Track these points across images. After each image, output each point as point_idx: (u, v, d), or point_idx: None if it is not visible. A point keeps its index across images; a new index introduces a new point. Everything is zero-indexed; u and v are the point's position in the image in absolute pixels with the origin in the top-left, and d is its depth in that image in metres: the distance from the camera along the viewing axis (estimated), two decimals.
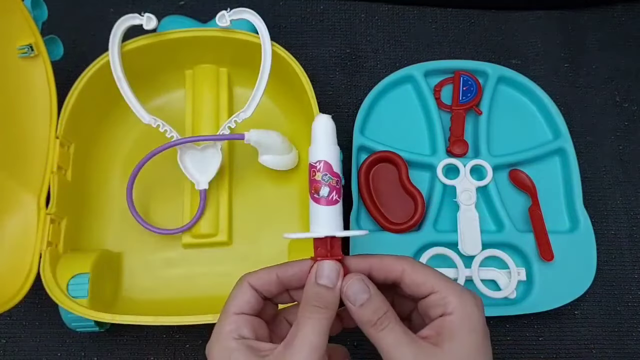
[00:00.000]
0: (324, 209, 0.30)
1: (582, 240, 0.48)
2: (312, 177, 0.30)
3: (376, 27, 0.59)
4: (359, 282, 0.29)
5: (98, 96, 0.48)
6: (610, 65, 0.58)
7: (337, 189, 0.30)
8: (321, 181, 0.30)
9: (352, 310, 0.29)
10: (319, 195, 0.30)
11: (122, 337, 0.48)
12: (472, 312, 0.29)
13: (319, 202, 0.30)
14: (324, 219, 0.30)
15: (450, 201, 0.50)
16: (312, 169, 0.31)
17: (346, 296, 0.29)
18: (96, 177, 0.50)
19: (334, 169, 0.30)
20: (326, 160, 0.30)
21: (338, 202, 0.30)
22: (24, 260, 0.42)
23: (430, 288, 0.30)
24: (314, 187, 0.30)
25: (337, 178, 0.30)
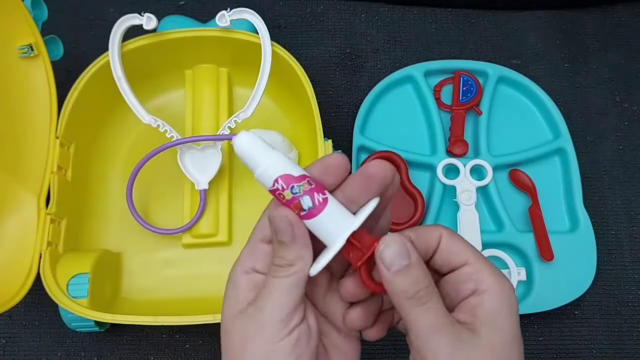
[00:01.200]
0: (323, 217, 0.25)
1: (582, 240, 0.48)
2: (283, 201, 0.25)
3: (376, 27, 0.59)
4: (397, 244, 0.24)
5: (98, 96, 0.48)
6: (610, 65, 0.58)
7: (315, 189, 0.25)
8: (295, 196, 0.25)
9: (385, 276, 0.24)
10: (306, 209, 0.25)
11: (122, 337, 0.48)
12: (509, 292, 0.25)
13: (312, 215, 0.25)
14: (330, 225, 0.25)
15: (450, 201, 0.50)
16: (275, 194, 0.25)
17: (381, 258, 0.24)
18: (96, 177, 0.50)
19: (294, 174, 0.25)
20: (280, 174, 0.25)
21: (327, 198, 0.25)
22: (24, 260, 0.42)
23: (464, 259, 0.26)
24: (294, 208, 0.25)
25: (304, 179, 0.25)
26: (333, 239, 0.25)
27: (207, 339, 0.48)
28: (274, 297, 0.25)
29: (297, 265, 0.25)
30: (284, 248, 0.25)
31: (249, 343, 0.25)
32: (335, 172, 0.25)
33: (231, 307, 0.26)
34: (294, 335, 0.25)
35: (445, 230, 0.27)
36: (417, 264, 0.25)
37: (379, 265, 0.25)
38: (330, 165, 0.25)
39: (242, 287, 0.26)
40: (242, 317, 0.25)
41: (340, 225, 0.25)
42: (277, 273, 0.25)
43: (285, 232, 0.25)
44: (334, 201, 0.25)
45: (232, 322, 0.26)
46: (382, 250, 0.25)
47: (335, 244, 0.25)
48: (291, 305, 0.25)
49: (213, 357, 0.48)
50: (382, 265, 0.25)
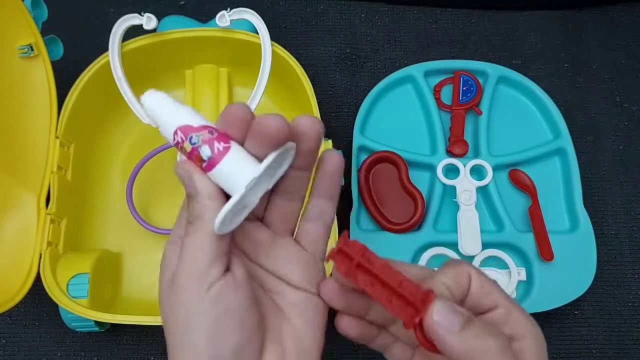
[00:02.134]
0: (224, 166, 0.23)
1: (582, 240, 0.48)
2: (186, 155, 0.24)
3: (376, 27, 0.59)
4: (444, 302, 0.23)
5: (98, 96, 0.48)
6: (611, 65, 0.58)
7: (216, 138, 0.23)
8: (194, 147, 0.23)
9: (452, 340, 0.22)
10: (205, 159, 0.23)
11: (122, 337, 0.48)
12: (542, 338, 0.24)
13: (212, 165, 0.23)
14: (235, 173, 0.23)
15: (450, 201, 0.50)
16: (178, 148, 0.24)
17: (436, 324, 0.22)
18: (96, 177, 0.50)
19: (194, 125, 0.24)
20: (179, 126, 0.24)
21: (229, 147, 0.23)
22: (24, 260, 0.42)
23: (495, 301, 0.24)
24: (195, 159, 0.24)
25: (205, 129, 0.23)
26: (236, 187, 0.23)
27: None
28: (186, 256, 0.24)
29: (204, 218, 0.23)
30: (191, 202, 0.24)
31: (174, 311, 0.24)
32: (238, 123, 0.24)
33: (162, 278, 0.25)
34: (213, 291, 0.23)
35: (473, 269, 0.25)
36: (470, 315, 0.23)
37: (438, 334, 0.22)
38: (230, 114, 0.24)
39: (168, 258, 0.25)
40: (167, 286, 0.24)
41: (244, 172, 0.23)
42: (187, 230, 0.24)
43: (188, 185, 0.24)
44: (238, 150, 0.23)
45: (162, 293, 0.25)
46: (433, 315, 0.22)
47: (237, 191, 0.23)
48: (205, 259, 0.23)
49: None
50: (442, 330, 0.22)
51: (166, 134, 0.24)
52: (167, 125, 0.24)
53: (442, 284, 0.24)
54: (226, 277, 0.24)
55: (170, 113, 0.24)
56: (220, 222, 0.23)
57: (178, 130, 0.24)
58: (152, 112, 0.25)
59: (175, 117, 0.24)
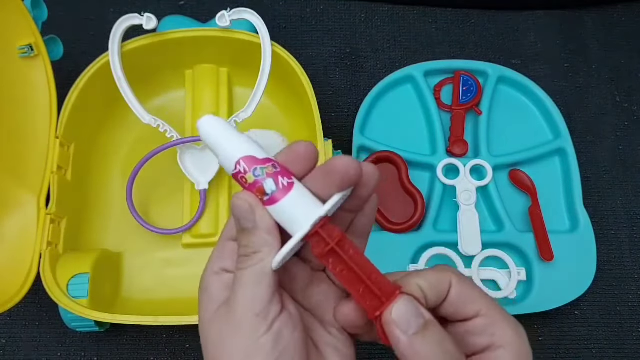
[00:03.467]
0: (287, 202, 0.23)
1: (582, 240, 0.48)
2: (246, 186, 0.24)
3: (376, 27, 0.59)
4: (406, 303, 0.22)
5: (98, 96, 0.48)
6: (611, 65, 0.58)
7: (280, 172, 0.23)
8: (257, 179, 0.23)
9: (404, 342, 0.22)
10: (269, 193, 0.23)
11: (122, 337, 0.48)
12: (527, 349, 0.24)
13: (275, 200, 0.23)
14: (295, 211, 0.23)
15: (450, 201, 0.50)
16: (238, 179, 0.24)
17: (392, 322, 0.22)
18: (96, 177, 0.50)
19: (258, 157, 0.23)
20: (242, 156, 0.23)
21: (292, 183, 0.23)
22: (24, 260, 0.42)
23: (477, 309, 0.24)
24: (257, 193, 0.23)
25: (269, 162, 0.23)
26: (297, 226, 0.23)
27: None
28: (244, 291, 0.23)
29: (262, 252, 0.23)
30: (247, 235, 0.23)
31: (227, 346, 0.23)
32: (302, 162, 0.24)
33: (205, 311, 0.25)
34: (275, 329, 0.23)
35: (455, 276, 0.24)
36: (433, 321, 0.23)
37: (391, 332, 0.22)
38: (296, 152, 0.24)
39: (213, 288, 0.25)
40: (216, 319, 0.24)
41: (306, 211, 0.23)
42: (243, 264, 0.23)
43: (246, 218, 0.23)
44: (301, 187, 0.23)
45: (208, 327, 0.24)
46: (392, 312, 0.22)
47: (300, 230, 0.23)
48: (265, 296, 0.23)
49: None
50: (396, 330, 0.22)
51: (225, 161, 0.24)
52: (228, 154, 0.24)
53: (417, 285, 0.24)
54: (284, 315, 0.23)
55: (232, 141, 0.24)
56: (282, 258, 0.23)
57: (241, 161, 0.23)
58: (209, 138, 0.24)
59: (237, 146, 0.24)
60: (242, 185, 0.24)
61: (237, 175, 0.24)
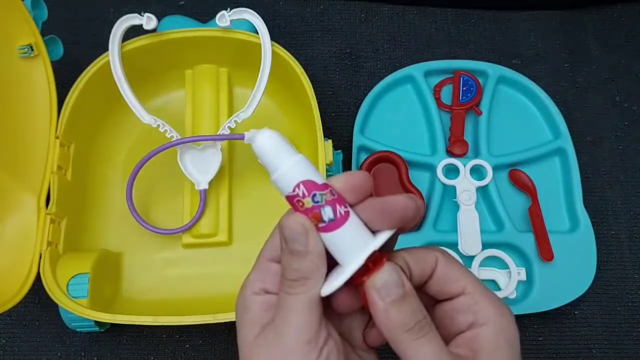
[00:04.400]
0: (343, 232, 0.23)
1: (582, 240, 0.48)
2: (301, 209, 0.23)
3: (376, 27, 0.59)
4: (391, 272, 0.23)
5: (98, 96, 0.48)
6: (611, 65, 0.58)
7: (337, 200, 0.23)
8: (315, 205, 0.23)
9: (379, 308, 0.23)
10: (326, 221, 0.23)
11: (122, 337, 0.48)
12: (509, 326, 0.24)
13: (330, 228, 0.23)
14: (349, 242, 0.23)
15: (450, 201, 0.50)
16: (293, 201, 0.23)
17: (374, 288, 0.23)
18: (96, 177, 0.50)
19: (318, 182, 0.23)
20: (302, 180, 0.23)
21: (348, 212, 0.23)
22: (24, 260, 0.42)
23: (462, 287, 0.24)
24: (312, 218, 0.23)
25: (327, 188, 0.23)
26: (350, 257, 0.23)
27: (207, 339, 0.48)
28: (294, 318, 0.23)
29: (314, 278, 0.23)
30: (298, 259, 0.23)
31: None
32: (358, 192, 0.24)
33: (247, 332, 0.24)
34: (324, 355, 0.23)
35: (441, 254, 0.25)
36: (412, 292, 0.23)
37: (371, 296, 0.23)
38: (353, 182, 0.24)
39: (255, 309, 0.24)
40: (262, 343, 0.23)
41: (360, 243, 0.23)
42: (293, 289, 0.23)
43: (299, 241, 0.23)
44: (355, 217, 0.23)
45: (251, 349, 0.24)
46: (373, 280, 0.23)
47: (354, 262, 0.23)
48: (315, 324, 0.23)
49: (214, 357, 0.48)
50: (375, 295, 0.23)
51: (282, 182, 0.23)
52: (286, 174, 0.23)
53: (402, 259, 0.24)
54: (330, 341, 0.24)
55: (292, 162, 0.23)
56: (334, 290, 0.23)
57: (301, 184, 0.23)
58: (266, 153, 0.23)
59: (298, 168, 0.23)
60: (296, 208, 0.23)
61: (292, 198, 0.23)
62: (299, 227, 0.23)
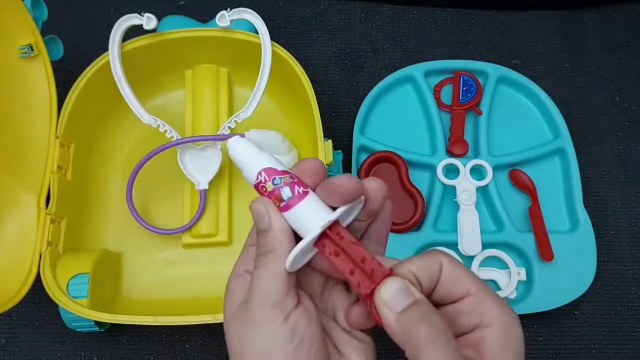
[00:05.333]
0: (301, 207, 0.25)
1: (582, 240, 0.48)
2: (265, 194, 0.26)
3: (376, 27, 0.59)
4: (395, 282, 0.23)
5: (98, 96, 0.48)
6: (611, 65, 0.58)
7: (295, 182, 0.26)
8: (275, 187, 0.25)
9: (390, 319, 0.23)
10: (285, 199, 0.25)
11: (122, 337, 0.48)
12: (514, 327, 0.24)
13: (290, 206, 0.25)
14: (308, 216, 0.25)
15: (450, 201, 0.50)
16: (259, 188, 0.26)
17: (382, 300, 0.23)
18: (96, 177, 0.50)
19: (278, 169, 0.26)
20: (263, 168, 0.26)
21: (307, 191, 0.25)
22: (24, 260, 0.42)
23: (467, 289, 0.24)
24: (275, 199, 0.26)
25: (287, 174, 0.26)
26: (308, 229, 0.25)
27: (207, 339, 0.48)
28: (260, 285, 0.24)
29: (276, 250, 0.25)
30: (263, 236, 0.25)
31: (248, 340, 0.24)
32: (310, 176, 0.26)
33: (227, 311, 0.26)
34: (291, 321, 0.24)
35: (446, 258, 0.25)
36: (423, 299, 0.23)
37: (381, 309, 0.23)
38: (305, 168, 0.26)
39: (235, 289, 0.26)
40: (237, 316, 0.25)
41: (317, 217, 0.25)
42: (259, 262, 0.25)
43: (262, 220, 0.25)
44: (314, 196, 0.25)
45: (230, 325, 0.25)
46: (380, 291, 0.23)
47: (311, 232, 0.24)
48: (280, 289, 0.24)
49: (214, 357, 0.48)
50: (384, 308, 0.23)
51: (248, 174, 0.27)
52: (251, 166, 0.26)
53: (409, 271, 0.24)
54: (300, 308, 0.25)
55: (256, 156, 0.27)
56: (293, 258, 0.24)
57: (262, 171, 0.26)
58: (236, 155, 0.27)
59: (260, 160, 0.26)
60: (262, 194, 0.26)
61: (258, 185, 0.26)
62: (261, 208, 0.25)
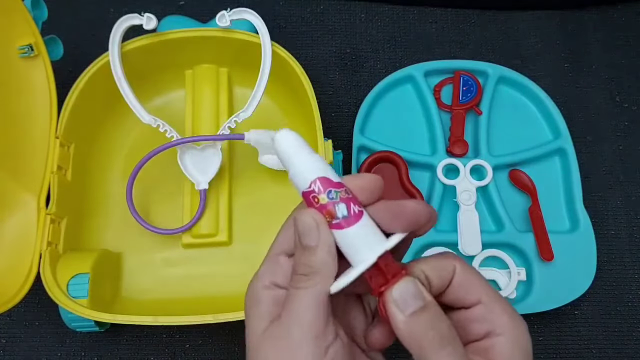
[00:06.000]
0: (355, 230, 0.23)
1: (582, 240, 0.48)
2: (315, 206, 0.23)
3: (376, 27, 0.59)
4: (408, 283, 0.23)
5: (98, 96, 0.48)
6: (611, 65, 0.58)
7: (351, 199, 0.23)
8: (330, 202, 0.23)
9: (399, 320, 0.22)
10: (339, 217, 0.23)
11: (122, 337, 0.48)
12: (524, 336, 0.24)
13: (344, 226, 0.23)
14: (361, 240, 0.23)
15: (450, 201, 0.50)
16: (309, 197, 0.24)
17: (392, 300, 0.22)
18: (96, 177, 0.50)
19: (333, 180, 0.23)
20: (319, 176, 0.23)
21: (362, 211, 0.23)
22: (24, 260, 0.42)
23: (478, 297, 0.24)
24: (326, 214, 0.23)
25: (342, 187, 0.23)
26: (361, 256, 0.23)
27: (207, 339, 0.48)
28: (301, 312, 0.23)
29: (322, 273, 0.23)
30: (308, 254, 0.23)
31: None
32: (370, 193, 0.24)
33: (256, 325, 0.24)
34: (330, 355, 0.23)
35: (459, 263, 0.24)
36: (434, 304, 0.23)
37: (390, 309, 0.23)
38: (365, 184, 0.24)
39: (264, 302, 0.24)
40: (270, 336, 0.23)
41: (372, 243, 0.23)
42: (301, 283, 0.23)
43: (310, 235, 0.23)
44: (368, 217, 0.24)
45: (259, 342, 0.24)
46: (392, 291, 0.23)
47: (364, 262, 0.23)
48: (322, 319, 0.23)
49: (214, 357, 0.48)
50: (394, 308, 0.22)
51: (299, 178, 0.24)
52: (304, 171, 0.24)
53: (420, 271, 0.24)
54: (338, 341, 0.23)
55: (311, 159, 0.24)
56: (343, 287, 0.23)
57: (318, 180, 0.23)
58: (285, 151, 0.24)
59: (317, 165, 0.24)
60: (311, 205, 0.24)
61: (309, 194, 0.24)
62: (311, 222, 0.23)
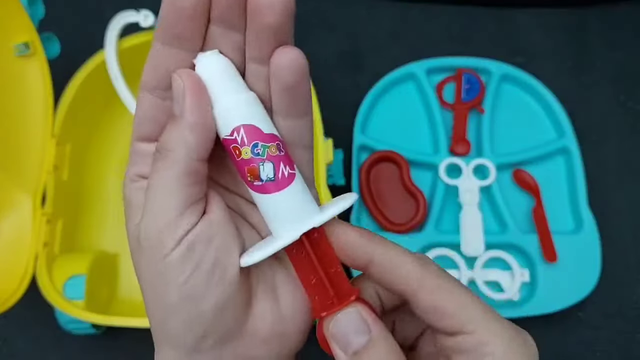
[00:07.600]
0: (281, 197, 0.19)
1: (587, 241, 0.48)
2: (236, 158, 0.19)
3: (377, 25, 0.58)
4: (351, 315, 0.19)
5: (94, 95, 0.48)
6: (616, 64, 0.57)
7: (283, 158, 0.19)
8: (254, 158, 0.19)
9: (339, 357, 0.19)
10: (263, 180, 0.19)
11: (119, 339, 0.48)
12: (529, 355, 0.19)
13: (266, 189, 0.19)
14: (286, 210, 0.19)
15: (452, 201, 0.50)
16: (229, 148, 0.19)
17: (332, 336, 0.19)
18: (92, 177, 0.50)
19: (264, 131, 0.19)
20: (245, 123, 0.19)
21: (294, 174, 0.19)
22: (19, 261, 0.41)
23: (461, 325, 0.19)
24: (248, 173, 0.19)
25: (275, 141, 0.19)
26: (284, 229, 0.19)
27: None
28: (154, 203, 0.19)
29: (176, 152, 0.19)
30: (168, 127, 0.19)
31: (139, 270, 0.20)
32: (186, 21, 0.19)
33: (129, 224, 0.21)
34: (184, 245, 0.19)
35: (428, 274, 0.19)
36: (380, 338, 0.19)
37: (331, 345, 0.19)
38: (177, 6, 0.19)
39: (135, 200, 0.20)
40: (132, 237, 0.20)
41: (300, 214, 0.19)
42: (156, 164, 0.19)
43: (177, 100, 0.19)
44: (301, 182, 0.20)
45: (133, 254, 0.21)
46: (330, 325, 0.19)
47: (286, 236, 0.19)
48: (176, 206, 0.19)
49: None
50: (335, 346, 0.19)
51: (219, 117, 0.19)
52: (227, 113, 0.19)
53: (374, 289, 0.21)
54: (200, 225, 0.20)
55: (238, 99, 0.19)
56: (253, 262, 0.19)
57: (242, 128, 0.19)
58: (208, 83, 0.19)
59: (244, 108, 0.19)
60: (231, 155, 0.19)
61: (229, 143, 0.19)
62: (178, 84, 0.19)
